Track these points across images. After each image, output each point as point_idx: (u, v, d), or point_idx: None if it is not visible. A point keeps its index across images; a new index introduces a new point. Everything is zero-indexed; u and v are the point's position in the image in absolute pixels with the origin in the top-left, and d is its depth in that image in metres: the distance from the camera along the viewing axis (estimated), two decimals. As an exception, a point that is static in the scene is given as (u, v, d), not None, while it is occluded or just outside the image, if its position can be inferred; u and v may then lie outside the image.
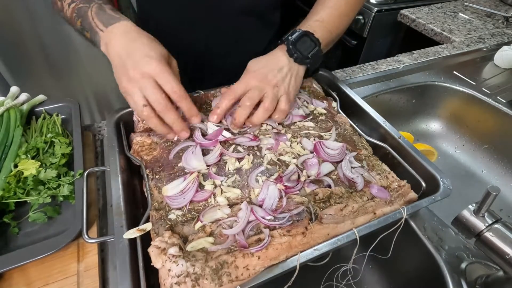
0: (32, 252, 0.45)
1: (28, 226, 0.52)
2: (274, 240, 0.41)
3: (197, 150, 0.51)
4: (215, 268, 0.38)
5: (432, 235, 0.56)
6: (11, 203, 0.51)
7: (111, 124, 0.58)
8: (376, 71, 0.95)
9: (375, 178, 0.52)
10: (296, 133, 0.59)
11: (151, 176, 0.50)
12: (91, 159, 0.63)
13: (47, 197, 0.52)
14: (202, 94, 0.64)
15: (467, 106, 0.95)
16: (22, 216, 0.52)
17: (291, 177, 0.50)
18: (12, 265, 0.44)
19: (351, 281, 0.65)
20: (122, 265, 0.40)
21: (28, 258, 0.44)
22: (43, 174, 0.53)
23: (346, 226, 0.45)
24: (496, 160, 0.92)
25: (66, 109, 0.67)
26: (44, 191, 0.53)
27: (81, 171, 0.54)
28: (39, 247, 0.46)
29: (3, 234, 0.50)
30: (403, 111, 0.98)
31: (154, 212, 0.45)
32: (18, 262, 0.44)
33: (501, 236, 0.43)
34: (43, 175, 0.53)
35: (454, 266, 0.52)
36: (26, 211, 0.52)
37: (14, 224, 0.51)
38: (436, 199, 0.49)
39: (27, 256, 0.45)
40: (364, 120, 0.66)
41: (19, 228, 0.51)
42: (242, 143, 0.55)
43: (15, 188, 0.51)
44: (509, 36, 1.24)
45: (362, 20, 1.60)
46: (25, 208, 0.53)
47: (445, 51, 1.09)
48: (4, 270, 0.44)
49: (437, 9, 1.43)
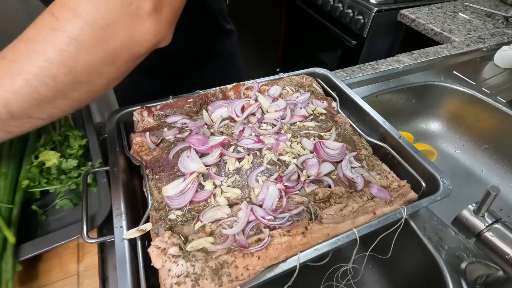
0: (66, 233, 0.48)
1: (55, 213, 0.54)
2: (274, 240, 0.41)
3: (192, 153, 0.51)
4: (215, 268, 0.38)
5: (432, 235, 0.56)
6: (37, 192, 0.53)
7: (111, 124, 0.58)
8: (376, 71, 0.95)
9: (375, 178, 0.52)
10: (296, 133, 0.59)
11: (151, 176, 0.50)
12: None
13: (72, 184, 0.55)
14: (202, 94, 0.64)
15: (467, 106, 0.95)
16: (48, 204, 0.55)
17: (291, 177, 0.50)
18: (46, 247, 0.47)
19: (351, 281, 0.65)
20: (122, 265, 0.40)
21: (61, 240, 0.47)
22: (65, 163, 0.55)
23: (346, 226, 0.45)
24: (496, 160, 0.92)
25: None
26: (65, 180, 0.55)
27: (100, 160, 0.57)
28: (71, 229, 0.48)
29: (32, 221, 0.52)
30: (403, 111, 0.98)
31: (154, 212, 0.45)
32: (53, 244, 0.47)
33: (501, 236, 0.43)
34: (65, 164, 0.55)
35: (454, 266, 0.52)
36: (50, 199, 0.55)
37: (41, 211, 0.53)
38: (436, 199, 0.49)
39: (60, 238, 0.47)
40: (364, 120, 0.66)
41: (46, 216, 0.53)
42: (247, 145, 0.55)
43: (39, 177, 0.53)
44: (509, 36, 1.24)
45: (362, 20, 1.60)
46: (49, 197, 0.56)
47: (445, 51, 1.09)
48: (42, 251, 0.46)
49: (437, 9, 1.43)
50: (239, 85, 0.67)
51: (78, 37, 0.35)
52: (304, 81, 0.72)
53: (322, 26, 1.92)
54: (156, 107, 0.60)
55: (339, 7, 1.73)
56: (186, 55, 0.75)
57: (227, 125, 0.60)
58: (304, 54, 2.34)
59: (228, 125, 0.60)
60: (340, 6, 1.73)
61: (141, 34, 0.39)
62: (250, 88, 0.67)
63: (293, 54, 2.52)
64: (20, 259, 0.45)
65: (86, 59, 0.37)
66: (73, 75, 0.37)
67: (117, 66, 0.40)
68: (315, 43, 2.12)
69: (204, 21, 0.73)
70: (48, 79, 0.36)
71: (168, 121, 0.59)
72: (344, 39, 1.74)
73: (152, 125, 0.58)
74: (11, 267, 0.43)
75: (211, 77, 0.84)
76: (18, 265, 0.45)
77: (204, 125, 0.59)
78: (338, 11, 1.74)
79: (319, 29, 1.99)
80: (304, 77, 0.73)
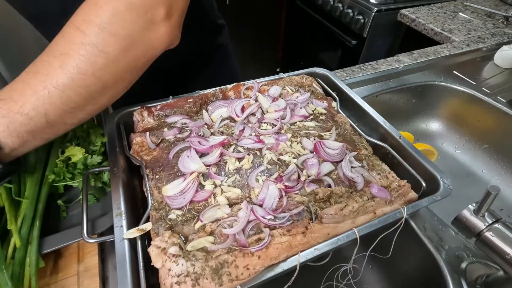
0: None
1: (75, 208, 0.56)
2: (274, 239, 0.41)
3: (192, 153, 0.51)
4: (215, 268, 0.38)
5: (432, 235, 0.56)
6: (61, 186, 0.54)
7: (111, 124, 0.58)
8: (376, 71, 0.95)
9: (375, 177, 0.52)
10: (296, 132, 0.59)
11: (151, 176, 0.50)
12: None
13: (92, 180, 0.55)
14: (202, 94, 0.64)
15: (467, 106, 0.95)
16: (71, 200, 0.56)
17: (291, 177, 0.50)
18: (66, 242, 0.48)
19: (351, 281, 0.65)
20: (122, 265, 0.40)
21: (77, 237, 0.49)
22: (90, 159, 0.55)
23: (346, 226, 0.45)
24: (496, 159, 0.92)
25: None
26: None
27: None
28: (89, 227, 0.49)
29: (53, 215, 0.54)
30: (403, 111, 0.98)
31: (154, 212, 0.45)
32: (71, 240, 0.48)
33: (501, 235, 0.43)
34: (90, 160, 0.55)
35: (454, 266, 0.52)
36: (73, 195, 0.57)
37: (64, 208, 0.54)
38: (436, 199, 0.49)
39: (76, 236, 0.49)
40: (364, 120, 0.66)
41: (66, 213, 0.55)
42: (247, 145, 0.55)
43: (64, 172, 0.54)
44: (509, 35, 1.24)
45: (362, 20, 1.60)
46: (72, 192, 0.57)
47: (445, 50, 1.09)
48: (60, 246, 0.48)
49: (437, 8, 1.43)
50: (239, 85, 0.67)
51: (105, 49, 0.39)
52: (304, 81, 0.72)
53: (322, 26, 1.92)
54: (156, 107, 0.60)
55: (339, 7, 1.73)
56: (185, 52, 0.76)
57: (227, 125, 0.60)
58: (304, 54, 2.34)
59: (228, 125, 0.60)
60: (340, 6, 1.73)
61: (156, 39, 0.43)
62: (250, 88, 0.67)
63: (293, 54, 2.52)
64: (42, 252, 0.46)
65: (112, 68, 0.41)
66: (102, 83, 0.41)
67: (136, 70, 0.44)
68: (315, 43, 2.12)
69: (200, 18, 0.76)
70: (81, 89, 0.40)
71: (168, 121, 0.59)
72: (344, 39, 1.74)
73: (152, 125, 0.58)
74: (34, 262, 0.44)
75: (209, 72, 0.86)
76: (41, 261, 0.45)
77: (204, 125, 0.59)
78: (338, 11, 1.74)
79: (319, 29, 1.99)
80: (304, 77, 0.73)
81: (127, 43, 0.40)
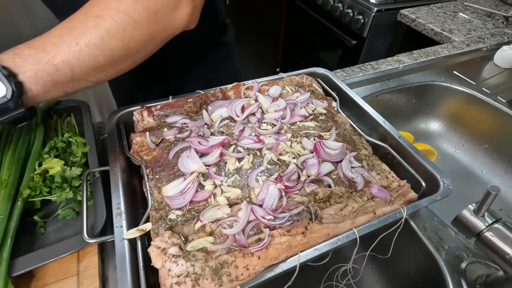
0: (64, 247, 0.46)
1: (54, 223, 0.52)
2: (274, 240, 0.41)
3: (192, 153, 0.51)
4: (215, 268, 0.38)
5: (432, 235, 0.56)
6: (37, 201, 0.52)
7: (111, 124, 0.58)
8: (376, 71, 0.95)
9: (375, 178, 0.52)
10: (296, 133, 0.59)
11: (151, 176, 0.50)
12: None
13: (69, 192, 0.52)
14: (202, 94, 0.64)
15: (467, 106, 0.95)
16: (48, 214, 0.53)
17: (291, 177, 0.50)
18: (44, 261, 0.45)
19: (351, 281, 0.65)
20: (122, 265, 0.40)
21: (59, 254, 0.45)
22: (68, 172, 0.53)
23: (346, 226, 0.45)
24: (496, 159, 0.92)
25: (75, 110, 0.67)
26: (67, 188, 0.53)
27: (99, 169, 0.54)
28: (69, 243, 0.47)
29: (28, 231, 0.50)
30: (403, 111, 0.98)
31: (154, 212, 0.45)
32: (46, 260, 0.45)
33: (501, 235, 0.43)
34: (68, 173, 0.53)
35: (454, 266, 0.52)
36: (50, 209, 0.53)
37: (41, 223, 0.51)
38: (436, 199, 0.49)
39: (58, 252, 0.46)
40: (364, 120, 0.66)
41: (44, 228, 0.51)
42: (247, 145, 0.55)
43: (41, 186, 0.52)
44: (509, 35, 1.24)
45: (362, 20, 1.60)
46: (49, 207, 0.54)
47: (445, 51, 1.09)
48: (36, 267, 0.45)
49: (437, 8, 1.43)
50: (239, 85, 0.67)
51: (136, 19, 0.43)
52: (304, 81, 0.72)
53: (322, 26, 1.92)
54: (156, 107, 0.60)
55: (339, 7, 1.73)
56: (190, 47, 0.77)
57: (227, 125, 0.60)
58: (304, 54, 2.34)
59: (228, 125, 0.60)
60: (340, 6, 1.73)
61: (180, 17, 0.47)
62: (250, 88, 0.67)
63: (293, 54, 2.52)
64: (12, 274, 0.42)
65: (138, 37, 0.45)
66: (127, 49, 0.45)
67: (156, 43, 0.48)
68: (315, 43, 2.12)
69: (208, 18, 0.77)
70: (108, 51, 0.43)
71: (168, 121, 0.59)
72: (344, 39, 1.74)
73: (152, 125, 0.58)
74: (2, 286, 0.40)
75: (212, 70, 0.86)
76: (10, 285, 0.41)
77: (204, 125, 0.59)
78: (338, 11, 1.74)
79: (319, 29, 1.99)
80: (304, 77, 0.73)
81: (156, 17, 0.44)
